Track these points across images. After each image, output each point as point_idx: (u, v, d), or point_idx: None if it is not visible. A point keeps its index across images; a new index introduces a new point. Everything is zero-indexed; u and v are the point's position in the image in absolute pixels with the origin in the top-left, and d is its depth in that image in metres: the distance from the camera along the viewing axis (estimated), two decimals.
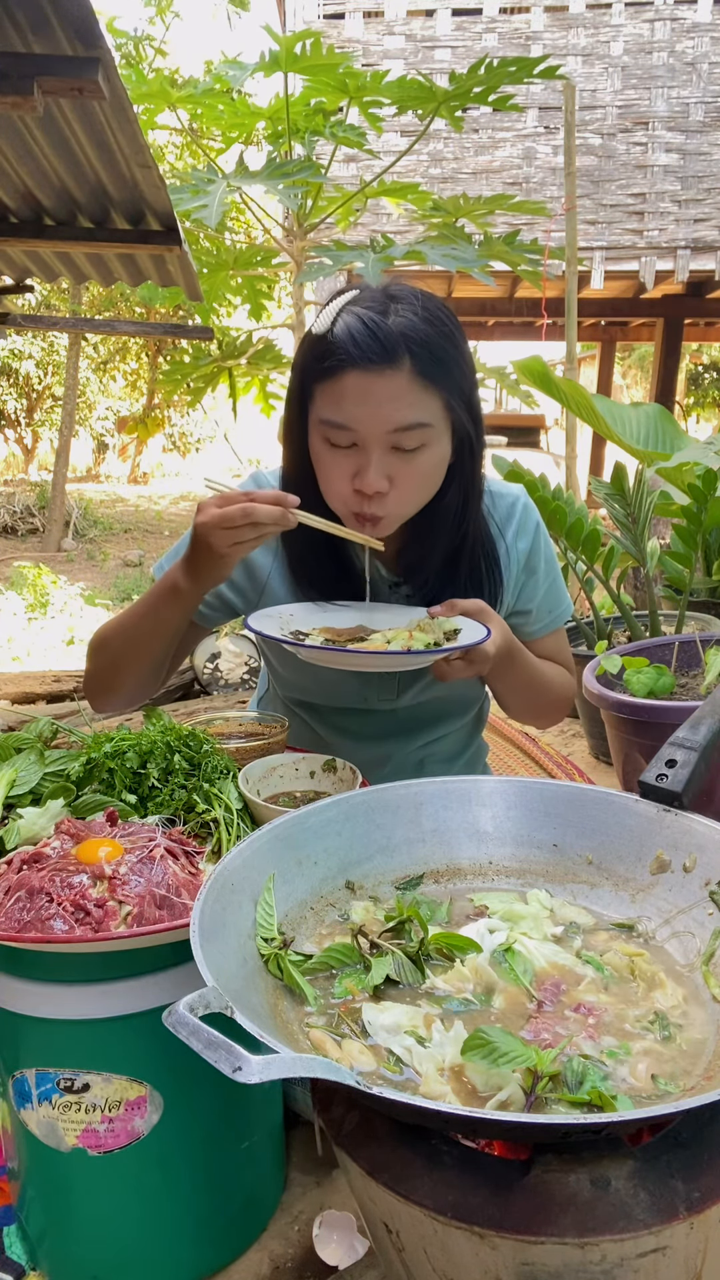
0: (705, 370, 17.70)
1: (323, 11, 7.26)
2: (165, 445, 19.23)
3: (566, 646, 1.62)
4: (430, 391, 1.20)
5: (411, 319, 1.19)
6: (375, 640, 1.27)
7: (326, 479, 1.28)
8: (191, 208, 3.32)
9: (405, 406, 1.19)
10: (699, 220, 7.30)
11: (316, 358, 1.22)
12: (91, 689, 1.44)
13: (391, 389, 1.18)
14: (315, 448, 1.28)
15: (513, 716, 1.57)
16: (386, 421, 1.19)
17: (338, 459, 1.25)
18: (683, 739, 1.00)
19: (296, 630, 1.32)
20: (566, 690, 1.56)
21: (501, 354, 12.91)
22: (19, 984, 0.98)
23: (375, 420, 1.19)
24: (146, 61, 6.35)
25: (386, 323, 1.18)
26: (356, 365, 1.17)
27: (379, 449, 1.22)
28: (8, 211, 3.38)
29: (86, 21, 1.94)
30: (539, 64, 3.33)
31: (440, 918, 0.94)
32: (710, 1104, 0.60)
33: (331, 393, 1.21)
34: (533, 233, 6.42)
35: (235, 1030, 0.63)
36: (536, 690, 1.49)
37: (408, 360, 1.18)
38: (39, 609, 6.24)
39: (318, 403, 1.24)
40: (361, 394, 1.18)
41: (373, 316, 1.18)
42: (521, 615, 1.52)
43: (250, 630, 1.28)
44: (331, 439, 1.24)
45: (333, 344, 1.19)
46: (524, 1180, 0.66)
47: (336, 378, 1.20)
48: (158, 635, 1.34)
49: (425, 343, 1.18)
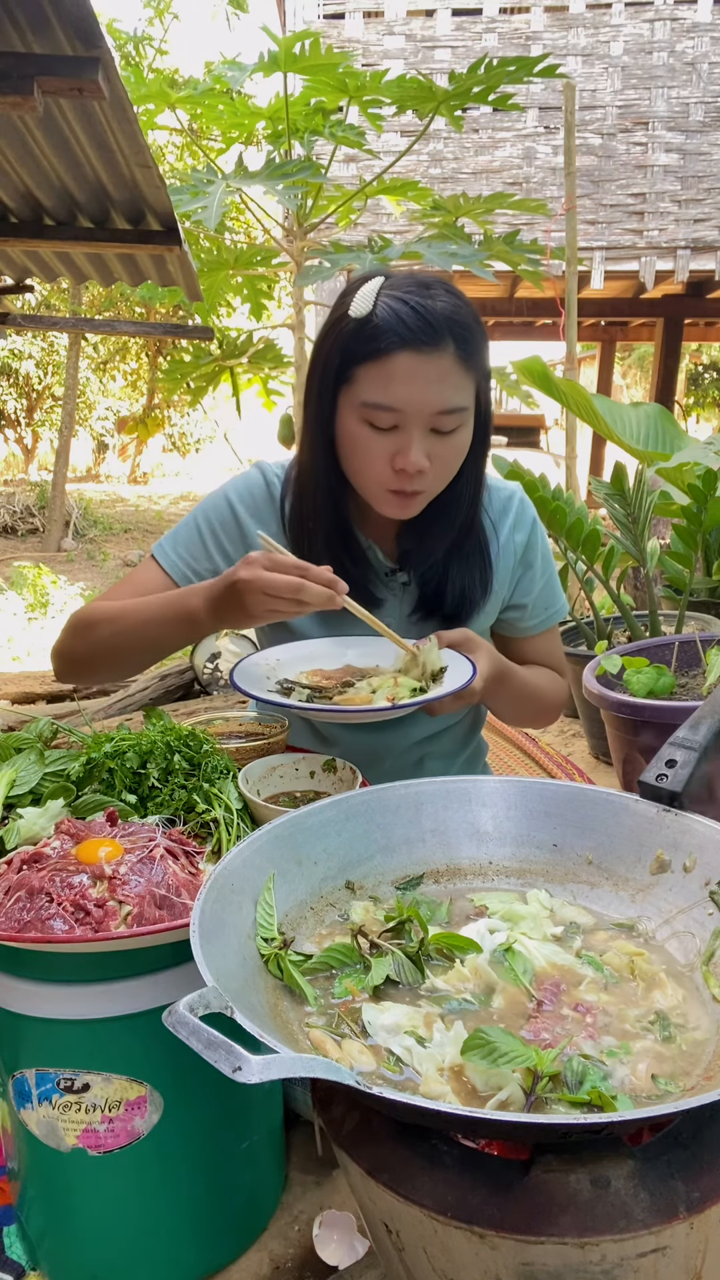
0: (705, 370, 17.70)
1: (323, 11, 7.25)
2: (165, 445, 19.22)
3: (559, 647, 1.62)
4: (468, 376, 1.24)
5: (451, 303, 1.22)
6: (361, 689, 1.29)
7: (365, 459, 1.28)
8: (191, 208, 3.32)
9: (450, 389, 1.22)
10: (699, 220, 7.30)
11: (362, 340, 1.22)
12: (64, 662, 1.41)
13: (439, 370, 1.21)
14: (352, 431, 1.27)
15: (505, 723, 1.58)
16: (433, 403, 1.21)
17: (378, 440, 1.25)
18: (683, 739, 1.00)
19: (284, 679, 1.34)
20: (558, 696, 1.57)
21: (501, 354, 12.91)
22: (19, 984, 0.98)
23: (423, 401, 1.21)
24: (146, 62, 6.36)
25: (432, 306, 1.20)
26: (407, 346, 1.19)
27: (420, 429, 1.23)
28: (8, 211, 3.38)
29: (86, 21, 1.94)
30: (539, 64, 3.33)
31: (440, 918, 0.94)
32: (710, 1104, 0.60)
33: (379, 374, 1.22)
34: (533, 233, 6.43)
35: (235, 1030, 0.63)
36: (527, 701, 1.50)
37: (451, 343, 1.20)
38: (39, 609, 6.24)
39: (361, 385, 1.24)
40: (410, 375, 1.20)
41: (417, 300, 1.20)
42: (517, 609, 1.52)
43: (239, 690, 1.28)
44: (374, 421, 1.24)
45: (380, 326, 1.20)
46: (524, 1180, 0.66)
47: (385, 359, 1.21)
48: (159, 648, 1.34)
49: (466, 326, 1.22)
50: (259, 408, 4.79)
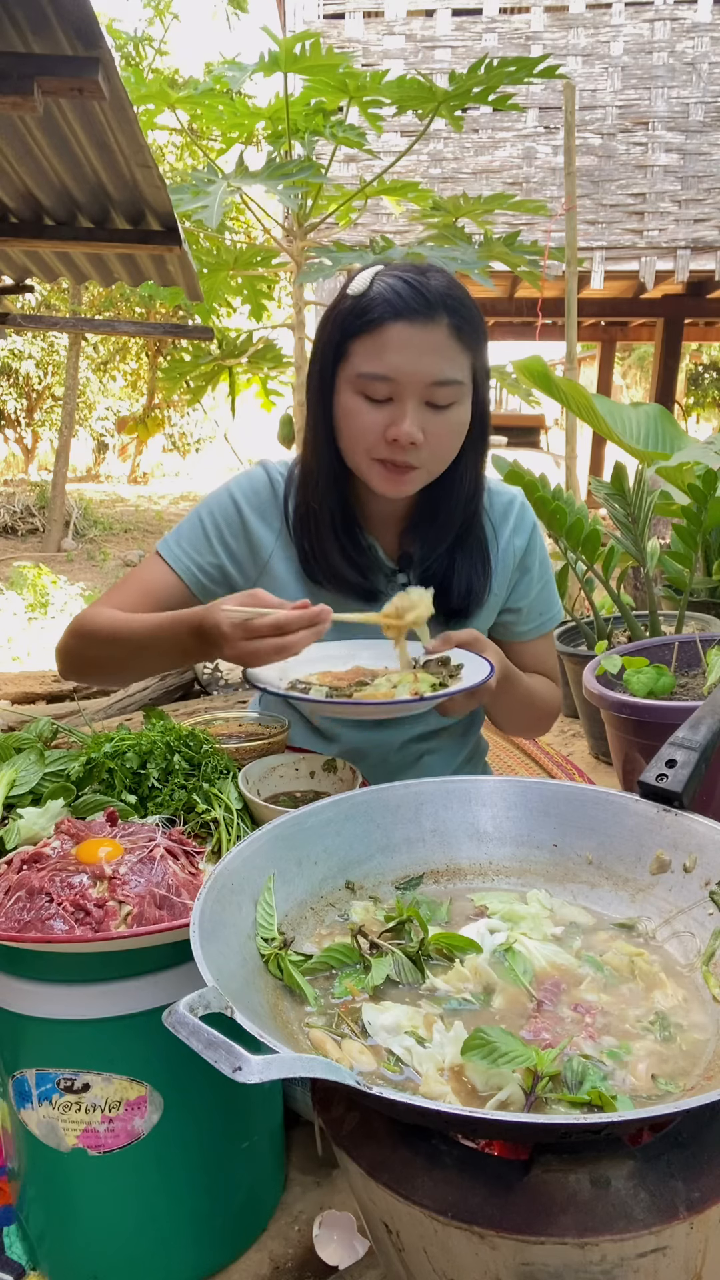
0: (705, 370, 17.70)
1: (323, 12, 7.26)
2: (165, 445, 19.22)
3: (554, 654, 1.63)
4: (463, 352, 1.25)
5: (448, 282, 1.25)
6: (380, 685, 1.27)
7: (359, 432, 1.28)
8: (192, 208, 3.32)
9: (444, 360, 1.23)
10: (699, 220, 7.30)
11: (356, 314, 1.25)
12: (66, 663, 1.45)
13: (433, 341, 1.22)
14: (347, 405, 1.28)
15: (502, 730, 1.59)
16: (427, 373, 1.23)
17: (372, 413, 1.26)
18: (683, 739, 1.00)
19: (295, 681, 1.33)
20: (553, 704, 1.57)
21: (501, 354, 12.92)
22: (19, 984, 0.98)
23: (416, 370, 1.22)
24: (146, 62, 6.36)
25: (427, 282, 1.23)
26: (401, 317, 1.22)
27: (414, 400, 1.24)
28: (8, 211, 3.38)
29: (86, 21, 1.94)
30: (539, 64, 3.33)
31: (440, 918, 0.94)
32: (710, 1104, 0.60)
33: (372, 345, 1.24)
34: (533, 233, 6.43)
35: (235, 1030, 0.63)
36: (526, 706, 1.50)
37: (446, 317, 1.22)
38: (39, 609, 6.24)
39: (355, 358, 1.26)
40: (403, 344, 1.22)
41: (413, 276, 1.24)
42: (513, 613, 1.53)
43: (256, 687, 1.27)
44: (368, 392, 1.25)
45: (374, 299, 1.23)
46: (524, 1180, 0.66)
47: (378, 330, 1.23)
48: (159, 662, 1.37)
49: (461, 302, 1.24)
50: (259, 408, 4.79)
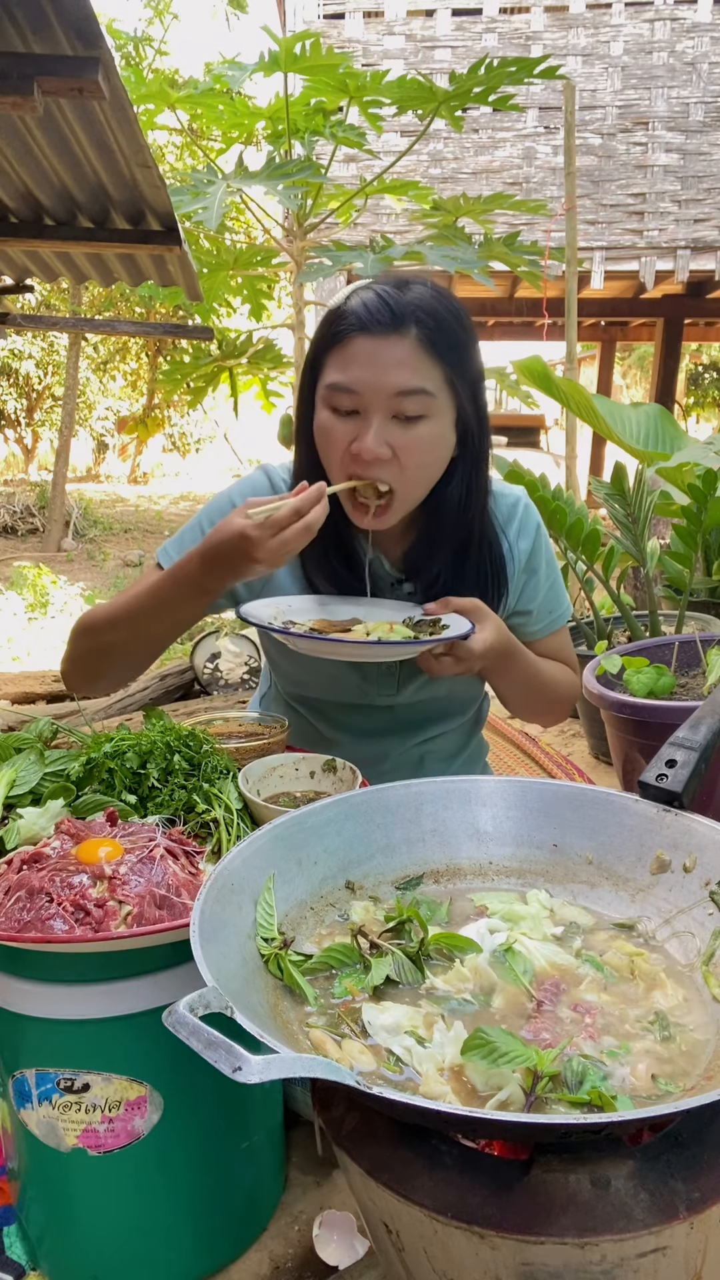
0: (705, 370, 17.69)
1: (323, 12, 7.25)
2: (165, 445, 19.23)
3: (569, 645, 1.62)
4: (434, 362, 1.24)
5: (424, 295, 1.25)
6: (357, 632, 1.29)
7: (329, 447, 1.29)
8: (192, 208, 3.32)
9: (408, 371, 1.23)
10: (699, 220, 7.30)
11: (328, 328, 1.27)
12: (75, 673, 1.45)
13: (397, 354, 1.22)
14: (319, 418, 1.29)
15: (515, 714, 1.58)
16: (389, 385, 1.23)
17: (340, 426, 1.27)
18: (683, 739, 1.00)
19: (290, 621, 1.34)
20: (570, 688, 1.56)
21: (501, 354, 12.91)
22: (19, 984, 0.98)
23: (379, 382, 1.23)
24: (146, 62, 6.36)
25: (399, 295, 1.24)
26: (365, 330, 1.22)
27: (380, 414, 1.24)
28: (8, 211, 3.38)
29: (86, 21, 1.94)
30: (539, 64, 3.33)
31: (440, 918, 0.94)
32: (710, 1104, 0.60)
33: (340, 358, 1.25)
34: (533, 233, 6.43)
35: (235, 1030, 0.63)
36: (537, 688, 1.49)
37: (414, 329, 1.22)
38: (39, 609, 6.24)
39: (326, 371, 1.27)
40: (368, 357, 1.22)
41: (387, 289, 1.25)
42: (522, 615, 1.53)
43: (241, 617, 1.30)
44: (336, 404, 1.26)
45: (345, 313, 1.25)
46: (524, 1180, 0.66)
47: (345, 343, 1.24)
48: (173, 630, 1.36)
49: (433, 314, 1.24)
50: (259, 408, 4.79)
